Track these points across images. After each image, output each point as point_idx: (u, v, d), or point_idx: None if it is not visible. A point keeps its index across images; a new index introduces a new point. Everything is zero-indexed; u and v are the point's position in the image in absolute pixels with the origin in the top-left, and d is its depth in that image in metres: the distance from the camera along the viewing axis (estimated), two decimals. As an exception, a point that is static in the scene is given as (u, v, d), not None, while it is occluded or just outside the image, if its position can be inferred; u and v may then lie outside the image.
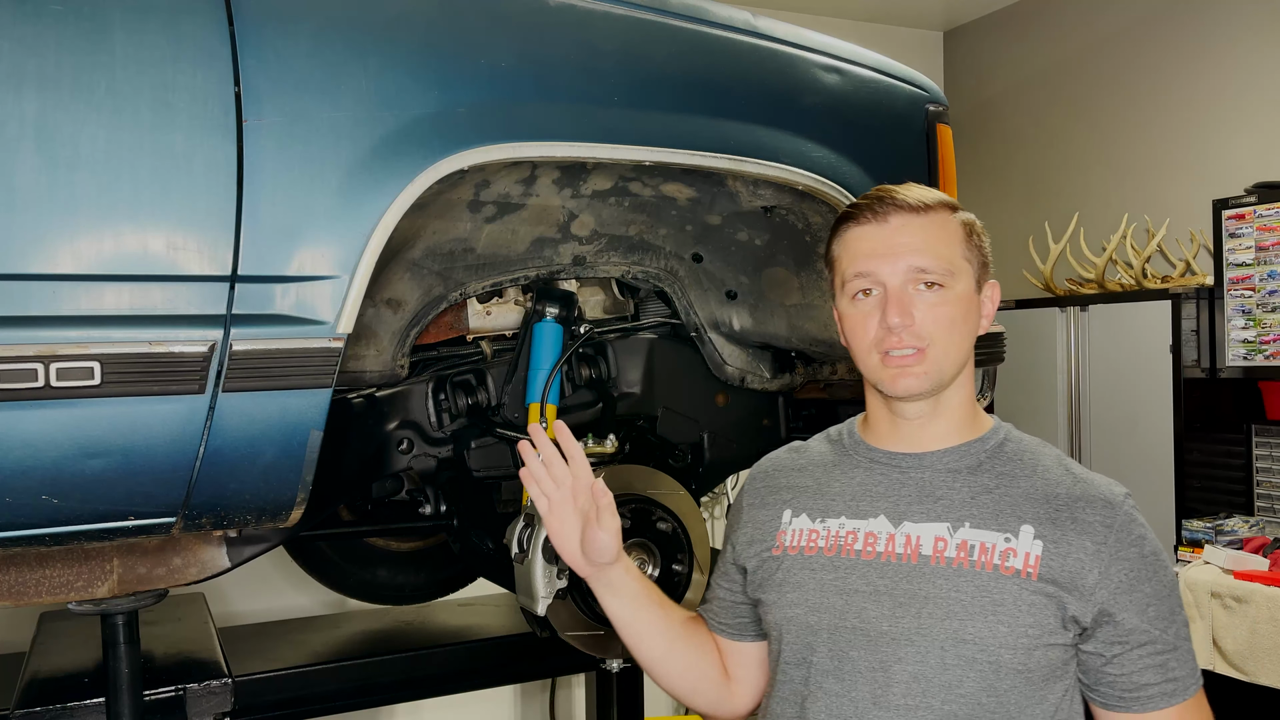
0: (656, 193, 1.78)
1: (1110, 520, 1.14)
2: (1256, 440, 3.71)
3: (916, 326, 1.17)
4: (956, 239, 1.21)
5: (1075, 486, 1.18)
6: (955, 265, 1.20)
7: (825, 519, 1.26)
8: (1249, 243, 3.71)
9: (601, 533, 1.29)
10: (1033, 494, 1.18)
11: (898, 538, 1.20)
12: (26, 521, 1.22)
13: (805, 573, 1.24)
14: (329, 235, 1.28)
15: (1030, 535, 1.15)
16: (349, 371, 1.69)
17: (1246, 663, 3.08)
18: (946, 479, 1.22)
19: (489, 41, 1.42)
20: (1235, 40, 4.12)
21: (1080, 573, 1.12)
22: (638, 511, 1.77)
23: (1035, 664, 1.13)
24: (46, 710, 1.74)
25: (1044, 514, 1.16)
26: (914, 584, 1.17)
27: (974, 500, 1.19)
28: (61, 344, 1.16)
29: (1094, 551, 1.13)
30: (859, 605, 1.19)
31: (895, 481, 1.24)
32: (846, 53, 1.83)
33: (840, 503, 1.26)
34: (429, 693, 2.27)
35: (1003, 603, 1.13)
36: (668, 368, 2.08)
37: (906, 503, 1.22)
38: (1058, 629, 1.13)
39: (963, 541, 1.16)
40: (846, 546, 1.22)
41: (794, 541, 1.27)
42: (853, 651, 1.18)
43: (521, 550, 1.73)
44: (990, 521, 1.17)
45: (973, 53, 5.35)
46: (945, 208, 1.23)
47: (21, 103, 1.13)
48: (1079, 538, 1.14)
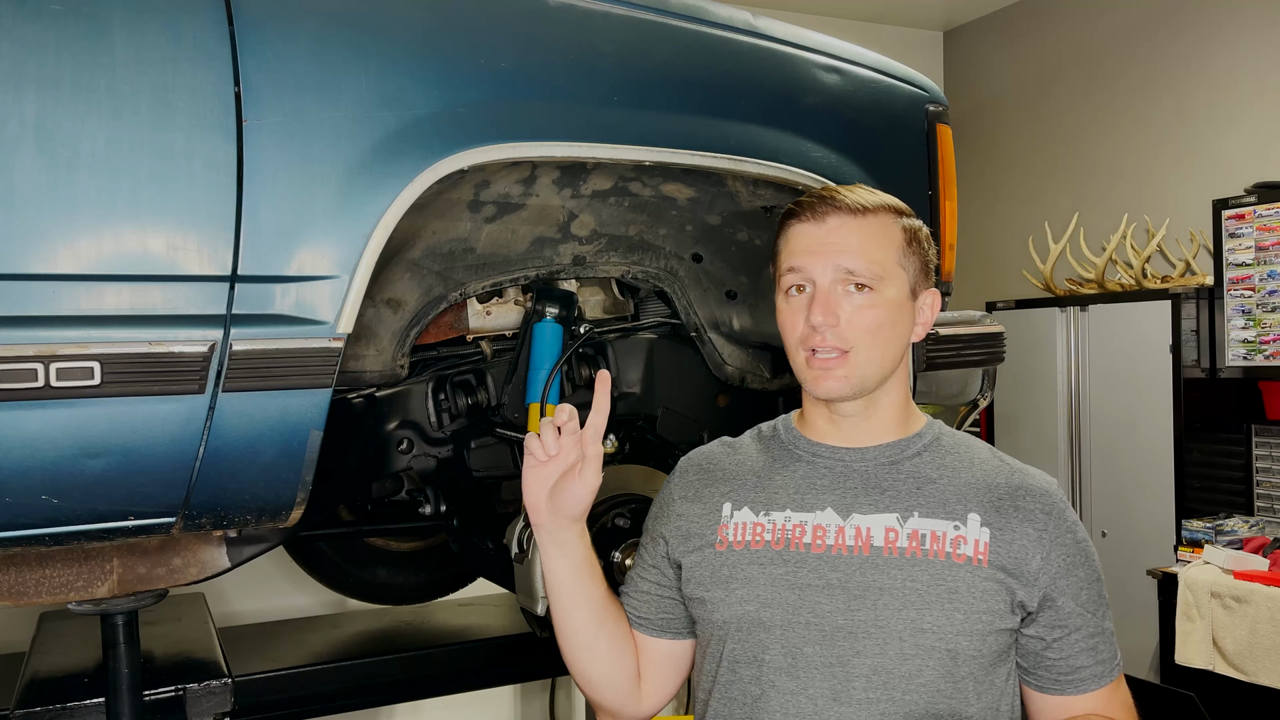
0: (656, 193, 1.78)
1: (1049, 508, 1.20)
2: (1256, 440, 3.71)
3: (841, 327, 1.18)
4: (893, 244, 1.22)
5: (1013, 476, 1.22)
6: (887, 270, 1.20)
7: (769, 512, 1.24)
8: (1249, 243, 3.71)
9: (579, 485, 1.22)
10: (974, 484, 1.21)
11: (847, 530, 1.20)
12: (26, 521, 1.22)
13: (753, 568, 1.21)
14: (329, 235, 1.28)
15: (978, 523, 1.18)
16: (349, 371, 1.69)
17: (1246, 663, 3.08)
18: (889, 471, 1.23)
19: (489, 41, 1.42)
20: (1234, 40, 4.12)
21: (1025, 559, 1.17)
22: (637, 511, 1.77)
23: (988, 649, 1.16)
24: (46, 710, 1.73)
25: (987, 502, 1.19)
26: (868, 575, 1.17)
27: (920, 490, 1.21)
28: (61, 344, 1.15)
29: (1036, 538, 1.18)
30: (812, 600, 1.18)
31: (840, 474, 1.24)
32: (846, 53, 1.83)
33: (784, 495, 1.24)
34: (429, 693, 2.27)
35: (958, 590, 1.15)
36: (668, 368, 2.08)
37: (853, 495, 1.22)
38: (1007, 613, 1.16)
39: (914, 531, 1.18)
40: (795, 540, 1.21)
41: (738, 536, 1.24)
42: (807, 648, 1.17)
43: (521, 550, 1.74)
44: (938, 510, 1.19)
45: (973, 53, 5.35)
46: (888, 211, 1.23)
47: (21, 103, 1.13)
48: (1022, 525, 1.18)
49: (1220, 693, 3.18)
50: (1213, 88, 4.20)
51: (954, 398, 2.07)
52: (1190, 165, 4.29)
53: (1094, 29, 4.71)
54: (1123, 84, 4.58)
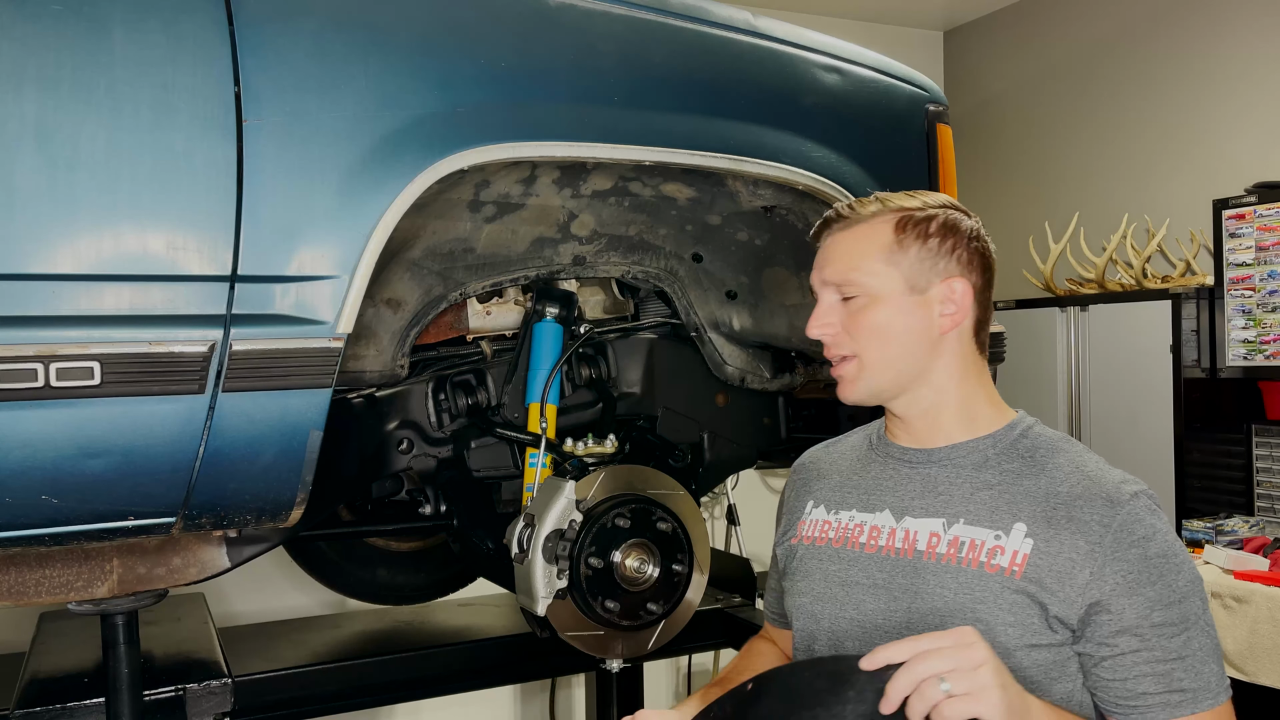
0: (656, 193, 1.78)
1: (1109, 520, 1.10)
2: (1256, 440, 3.70)
3: (840, 334, 1.22)
4: (875, 246, 1.20)
5: (1079, 485, 1.14)
6: (870, 271, 1.19)
7: (839, 511, 1.28)
8: (1249, 243, 3.70)
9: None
10: (1034, 492, 1.15)
11: (898, 532, 1.21)
12: (26, 521, 1.22)
13: (814, 562, 1.28)
14: (329, 235, 1.28)
15: (1022, 534, 1.13)
16: (349, 371, 1.69)
17: (1246, 663, 3.07)
18: (950, 474, 1.21)
19: (489, 41, 1.42)
20: (1235, 40, 4.12)
21: (1069, 573, 1.09)
22: (638, 511, 1.77)
23: (1019, 665, 1.10)
24: (46, 710, 1.73)
25: (1040, 513, 1.13)
26: (907, 578, 1.18)
27: (973, 496, 1.18)
28: (61, 344, 1.15)
29: (1087, 551, 1.09)
30: (857, 597, 1.21)
31: (904, 476, 1.25)
32: (846, 53, 1.83)
33: (855, 495, 1.28)
34: (429, 693, 2.27)
35: (984, 600, 1.12)
36: (668, 368, 2.08)
37: (910, 497, 1.22)
38: (1042, 629, 1.10)
39: (955, 538, 1.17)
40: (852, 539, 1.25)
41: (810, 532, 1.31)
42: (848, 643, 1.20)
43: (521, 550, 1.73)
44: (985, 519, 1.16)
45: (973, 53, 5.35)
46: (881, 215, 1.21)
47: (21, 103, 1.13)
48: (1072, 537, 1.10)
49: (1220, 693, 3.17)
50: (1213, 88, 4.20)
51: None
52: (1190, 165, 4.29)
53: (1094, 29, 4.70)
54: (1123, 84, 4.58)
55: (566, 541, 1.70)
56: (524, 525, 1.74)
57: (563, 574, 1.70)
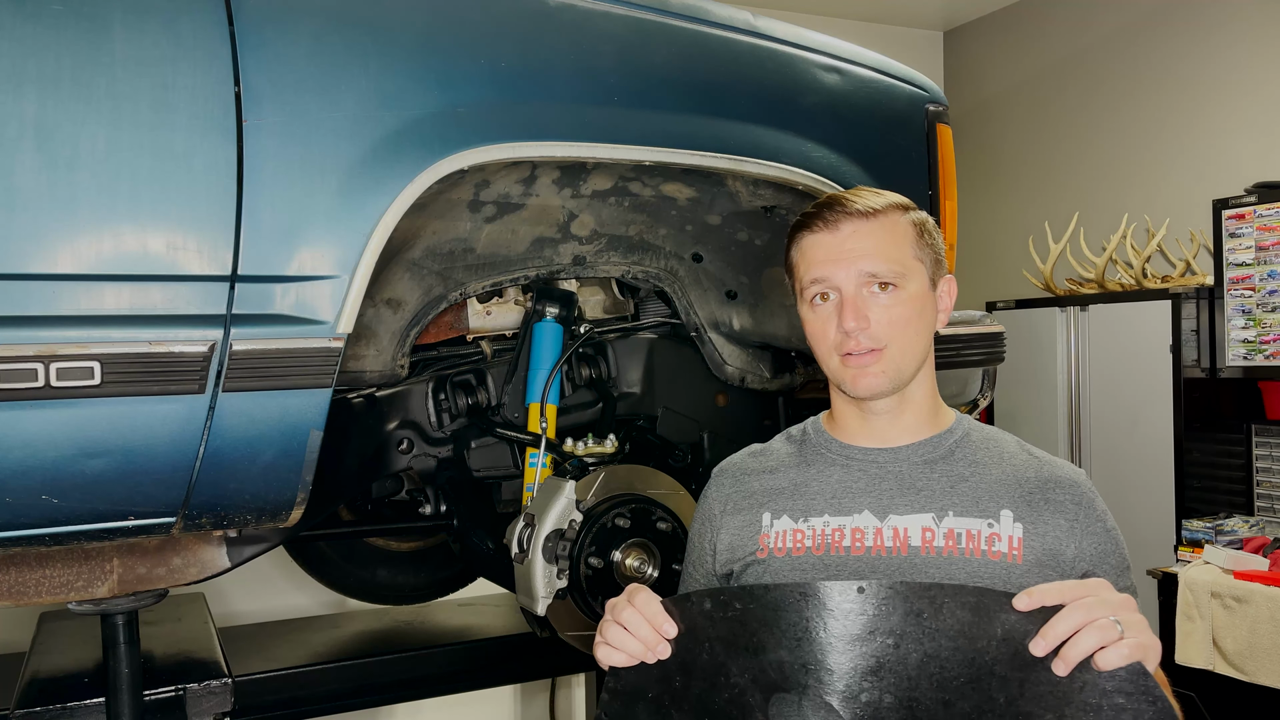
0: (656, 193, 1.78)
1: (1079, 498, 1.21)
2: (1256, 440, 3.71)
3: (872, 328, 1.21)
4: (907, 240, 1.24)
5: (1042, 469, 1.24)
6: (907, 266, 1.23)
7: (808, 518, 1.25)
8: (1249, 243, 3.70)
9: None
10: (1005, 479, 1.22)
11: (885, 531, 1.21)
12: (26, 521, 1.22)
13: (795, 574, 1.23)
14: (329, 235, 1.28)
15: (1010, 519, 1.19)
16: (349, 371, 1.69)
17: (1246, 663, 3.07)
18: (923, 470, 1.24)
19: (489, 41, 1.42)
20: (1235, 41, 4.12)
21: (1059, 550, 1.18)
22: (638, 511, 1.77)
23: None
24: (46, 710, 1.73)
25: (1018, 497, 1.20)
26: (906, 576, 1.18)
27: (954, 489, 1.22)
28: (61, 344, 1.15)
29: (1068, 529, 1.19)
30: None
31: (874, 476, 1.25)
32: (846, 53, 1.83)
33: (821, 501, 1.26)
34: (429, 693, 2.27)
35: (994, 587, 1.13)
36: (668, 368, 2.08)
37: (889, 496, 1.23)
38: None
39: (949, 530, 1.19)
40: (834, 544, 1.23)
41: (779, 544, 1.25)
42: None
43: (521, 550, 1.73)
44: (971, 509, 1.20)
45: (973, 53, 5.35)
46: (896, 209, 1.25)
47: (21, 103, 1.13)
48: (1054, 517, 1.19)
49: (1220, 693, 3.17)
50: (1213, 88, 4.20)
51: (954, 398, 2.07)
52: (1190, 165, 4.29)
53: (1094, 29, 4.71)
54: (1123, 84, 4.58)
55: (566, 541, 1.70)
56: (524, 525, 1.74)
57: (563, 574, 1.70)
